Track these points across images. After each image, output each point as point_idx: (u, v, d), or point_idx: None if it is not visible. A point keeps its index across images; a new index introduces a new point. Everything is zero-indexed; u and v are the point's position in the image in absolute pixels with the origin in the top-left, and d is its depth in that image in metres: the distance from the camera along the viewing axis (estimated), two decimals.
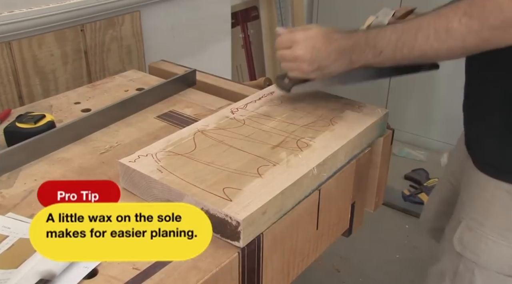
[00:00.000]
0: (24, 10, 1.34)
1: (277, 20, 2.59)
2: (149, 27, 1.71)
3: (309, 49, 0.92)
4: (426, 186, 2.32)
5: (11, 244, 0.70)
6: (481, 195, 0.93)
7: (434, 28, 0.82)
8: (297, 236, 0.84)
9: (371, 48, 0.88)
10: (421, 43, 0.83)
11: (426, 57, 0.89)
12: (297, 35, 0.94)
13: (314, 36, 0.93)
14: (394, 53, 0.87)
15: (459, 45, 0.80)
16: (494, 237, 0.91)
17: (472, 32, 0.77)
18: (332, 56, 0.92)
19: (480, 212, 0.93)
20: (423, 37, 0.83)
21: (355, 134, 0.93)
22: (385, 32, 0.88)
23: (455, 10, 0.80)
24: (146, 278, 0.65)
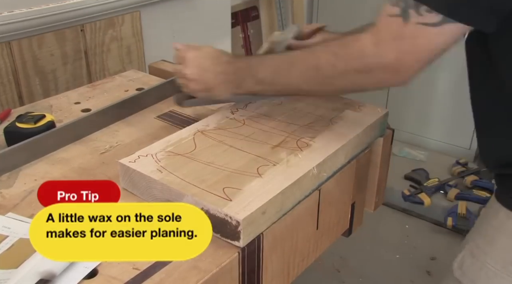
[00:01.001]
0: (24, 10, 1.34)
1: (277, 20, 2.59)
2: (149, 27, 1.71)
3: (196, 68, 0.94)
4: (426, 186, 2.32)
5: (11, 244, 0.70)
6: (490, 222, 0.89)
7: (305, 65, 0.83)
8: (297, 236, 0.84)
9: (252, 77, 0.90)
10: (295, 78, 0.85)
11: (303, 92, 0.92)
12: (188, 53, 0.95)
13: (204, 56, 0.95)
14: (273, 83, 0.89)
15: (328, 84, 0.82)
16: (495, 269, 0.87)
17: (338, 73, 0.79)
18: (218, 79, 0.93)
19: (486, 240, 0.89)
20: (296, 72, 0.85)
21: (355, 134, 0.93)
22: (266, 61, 0.91)
23: (325, 49, 0.83)
24: (146, 278, 0.65)
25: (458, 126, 2.46)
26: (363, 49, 0.75)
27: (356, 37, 0.77)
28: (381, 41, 0.74)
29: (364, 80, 0.78)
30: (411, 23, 0.71)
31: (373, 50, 0.74)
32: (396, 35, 0.73)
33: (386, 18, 0.74)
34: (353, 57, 0.77)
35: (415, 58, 0.73)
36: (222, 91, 0.94)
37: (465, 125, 2.36)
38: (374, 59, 0.75)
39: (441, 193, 2.32)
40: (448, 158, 2.51)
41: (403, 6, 0.72)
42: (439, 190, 2.32)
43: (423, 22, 0.71)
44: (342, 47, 0.79)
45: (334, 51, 0.80)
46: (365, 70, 0.76)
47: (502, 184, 0.88)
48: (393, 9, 0.73)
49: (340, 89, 0.84)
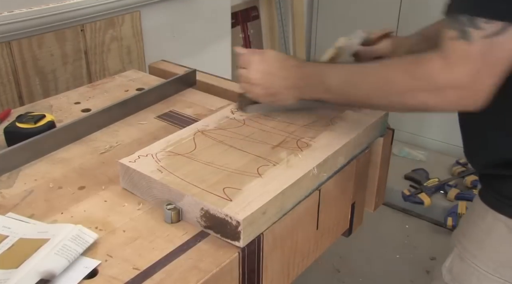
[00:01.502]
0: (24, 10, 1.34)
1: (277, 20, 2.59)
2: (149, 27, 1.71)
3: (262, 73, 0.92)
4: (426, 186, 2.32)
5: (11, 244, 0.70)
6: (478, 225, 0.87)
7: (376, 78, 0.81)
8: (297, 236, 0.84)
9: (320, 84, 0.87)
10: (364, 90, 0.83)
11: (371, 105, 0.89)
12: (253, 57, 0.93)
13: (269, 60, 0.92)
14: (342, 94, 0.86)
15: (398, 101, 0.79)
16: (486, 272, 0.86)
17: (409, 90, 0.77)
18: (284, 83, 0.91)
19: (475, 243, 0.88)
20: (366, 84, 0.82)
21: (355, 134, 0.93)
22: (336, 70, 0.87)
23: (397, 64, 0.80)
24: (146, 278, 0.65)
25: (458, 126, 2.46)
26: (433, 71, 0.73)
27: (427, 56, 0.74)
28: (450, 64, 0.71)
29: (437, 101, 0.75)
30: (475, 41, 0.69)
31: (444, 73, 0.72)
32: (464, 57, 0.70)
33: (450, 43, 0.72)
34: (424, 78, 0.74)
35: (489, 73, 0.71)
36: (288, 96, 0.92)
37: None
38: (445, 82, 0.72)
39: (441, 193, 2.32)
40: (448, 158, 2.51)
41: (459, 27, 0.70)
42: (439, 190, 2.32)
43: (485, 35, 0.68)
44: (414, 65, 0.77)
45: (406, 68, 0.77)
46: (437, 91, 0.74)
47: (487, 184, 0.87)
48: (452, 33, 0.71)
49: (410, 107, 0.80)
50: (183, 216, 0.76)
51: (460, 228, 0.93)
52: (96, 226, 0.75)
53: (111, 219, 0.77)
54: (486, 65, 0.70)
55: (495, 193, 0.85)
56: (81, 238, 0.69)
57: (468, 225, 0.91)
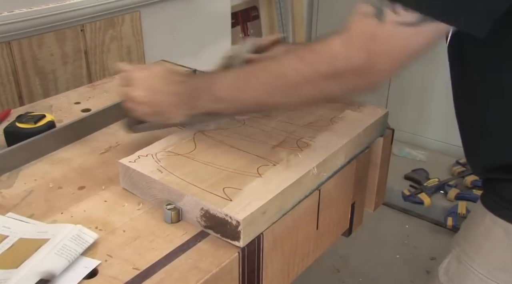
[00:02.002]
0: (24, 10, 1.34)
1: (277, 20, 2.59)
2: (149, 27, 1.71)
3: (145, 90, 0.85)
4: (426, 186, 2.32)
5: (11, 244, 0.70)
6: (477, 227, 0.86)
7: (268, 74, 0.76)
8: (297, 236, 0.84)
9: (209, 95, 0.81)
10: (257, 90, 0.77)
11: (267, 106, 0.82)
12: (136, 74, 0.87)
13: (154, 76, 0.86)
14: (234, 100, 0.80)
15: (294, 94, 0.74)
16: (483, 275, 0.84)
17: (305, 79, 0.72)
18: (170, 100, 0.84)
19: (472, 245, 0.87)
20: (258, 83, 0.76)
21: (355, 134, 0.93)
22: (224, 77, 0.82)
23: (290, 55, 0.75)
24: (146, 278, 0.65)
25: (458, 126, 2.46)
26: (332, 52, 0.69)
27: (325, 41, 0.71)
28: (351, 42, 0.68)
29: (333, 86, 0.71)
30: (386, 23, 0.65)
31: (342, 52, 0.68)
32: (368, 36, 0.67)
33: (360, 18, 0.68)
34: (320, 61, 0.71)
35: (388, 60, 0.67)
36: (175, 114, 0.85)
37: None
38: (344, 62, 0.69)
39: (441, 193, 2.31)
40: (448, 158, 2.51)
41: (378, 5, 0.66)
42: (439, 190, 2.32)
43: (399, 21, 0.65)
44: (310, 51, 0.73)
45: (300, 57, 0.73)
46: (334, 75, 0.70)
47: (489, 188, 0.86)
48: (367, 9, 0.67)
49: (306, 100, 0.76)
50: (183, 216, 0.76)
51: (461, 231, 0.93)
52: (96, 226, 0.75)
53: (111, 219, 0.77)
54: (387, 50, 0.67)
55: (495, 197, 0.84)
56: (81, 238, 0.69)
57: (467, 227, 0.90)
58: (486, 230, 0.85)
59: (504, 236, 0.82)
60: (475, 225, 0.87)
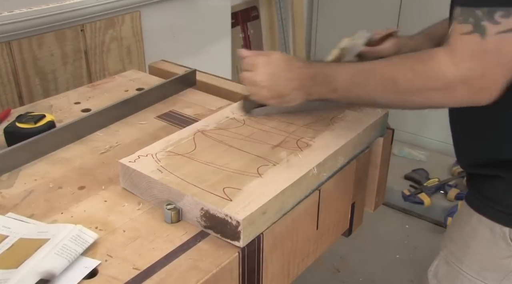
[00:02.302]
0: (24, 10, 1.34)
1: (277, 20, 2.59)
2: (149, 27, 1.71)
3: (268, 75, 0.90)
4: (426, 186, 2.32)
5: (11, 244, 0.70)
6: (463, 228, 0.87)
7: (382, 76, 0.79)
8: (297, 236, 0.84)
9: (327, 84, 0.86)
10: (371, 89, 0.81)
11: (380, 104, 0.87)
12: (258, 59, 0.91)
13: (275, 62, 0.91)
14: (348, 94, 0.85)
15: (406, 100, 0.78)
16: (472, 276, 0.85)
17: (416, 89, 0.75)
18: (291, 85, 0.89)
19: (460, 247, 0.88)
20: (373, 83, 0.81)
21: (355, 134, 0.93)
22: (342, 70, 0.86)
23: (403, 63, 0.78)
24: (146, 278, 0.65)
25: None
26: (441, 69, 0.71)
27: (434, 54, 0.73)
28: (459, 61, 0.69)
29: (446, 98, 0.73)
30: (490, 36, 0.66)
31: (452, 70, 0.70)
32: (476, 53, 0.68)
33: (461, 37, 0.69)
34: (431, 76, 0.73)
35: (502, 69, 0.68)
36: (295, 97, 0.90)
37: None
38: (455, 79, 0.70)
39: (441, 193, 2.32)
40: (448, 158, 2.51)
41: (474, 21, 0.67)
42: (439, 190, 2.32)
43: (503, 30, 0.65)
44: (419, 63, 0.75)
45: (411, 67, 0.75)
46: (446, 89, 0.72)
47: (474, 186, 0.87)
48: (465, 27, 0.68)
49: (418, 106, 0.78)
50: (183, 216, 0.76)
51: (447, 232, 0.93)
52: (96, 226, 0.75)
53: (111, 219, 0.77)
54: (499, 61, 0.68)
55: (479, 195, 0.84)
56: (81, 238, 0.69)
57: (454, 228, 0.91)
58: (473, 230, 0.85)
59: (490, 235, 0.82)
60: (461, 225, 0.88)
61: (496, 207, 0.82)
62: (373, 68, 0.82)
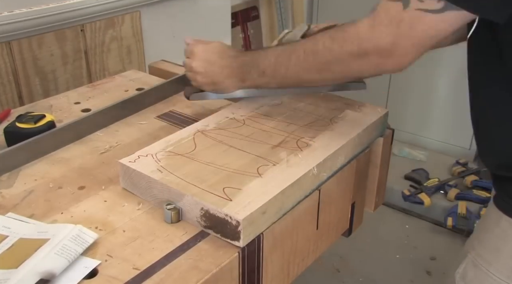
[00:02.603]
0: (24, 10, 1.34)
1: (277, 20, 2.59)
2: (149, 27, 1.71)
3: (203, 62, 0.96)
4: (426, 186, 2.32)
5: (11, 244, 0.70)
6: (493, 231, 0.85)
7: (303, 51, 0.83)
8: (297, 236, 0.84)
9: (255, 68, 0.91)
10: (293, 66, 0.85)
11: (304, 81, 0.90)
12: (197, 47, 0.98)
13: (211, 50, 0.97)
14: (274, 74, 0.89)
15: (326, 70, 0.81)
16: (501, 279, 0.84)
17: (335, 57, 0.78)
18: (223, 72, 0.95)
19: (489, 249, 0.86)
20: (295, 60, 0.84)
21: (355, 134, 0.93)
22: (268, 52, 0.91)
23: (323, 34, 0.82)
24: (146, 278, 0.65)
25: (458, 126, 2.46)
26: (359, 32, 0.75)
27: (355, 22, 0.77)
28: (377, 24, 0.73)
29: (360, 65, 0.77)
30: (411, 9, 0.70)
31: (368, 33, 0.74)
32: (393, 20, 0.72)
33: (386, 3, 0.73)
34: (348, 40, 0.77)
35: (412, 43, 0.72)
36: (228, 85, 0.96)
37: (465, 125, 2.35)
38: (369, 42, 0.74)
39: (441, 193, 2.32)
40: (448, 158, 2.51)
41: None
42: (439, 190, 2.32)
43: (423, 8, 0.70)
44: (339, 31, 0.79)
45: (331, 35, 0.80)
46: (360, 54, 0.76)
47: (501, 188, 0.86)
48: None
49: (338, 76, 0.83)
50: (183, 216, 0.76)
51: (474, 235, 0.92)
52: (96, 226, 0.75)
53: (111, 219, 0.77)
54: (411, 34, 0.71)
55: (507, 197, 0.83)
56: (81, 238, 0.69)
57: (482, 231, 0.89)
58: (503, 233, 0.84)
59: None
60: (490, 228, 0.86)
61: None
62: (296, 46, 0.87)
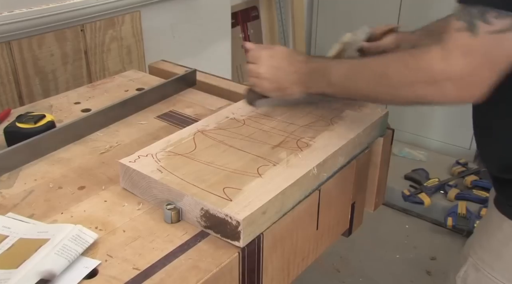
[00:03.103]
0: (24, 10, 1.34)
1: (277, 20, 2.59)
2: (149, 27, 1.71)
3: (270, 67, 0.94)
4: (426, 186, 2.32)
5: (11, 244, 0.70)
6: (495, 235, 0.85)
7: (375, 71, 0.81)
8: (297, 236, 0.84)
9: (324, 78, 0.89)
10: (364, 83, 0.83)
11: (371, 99, 0.89)
12: (262, 52, 0.96)
13: (278, 55, 0.95)
14: (344, 88, 0.88)
15: (396, 94, 0.79)
16: (502, 282, 0.84)
17: (406, 82, 0.76)
18: (291, 78, 0.93)
19: (491, 253, 0.86)
20: (366, 78, 0.83)
21: (355, 134, 0.93)
22: (338, 65, 0.89)
23: (395, 57, 0.80)
24: (146, 278, 0.65)
25: (458, 126, 2.46)
26: (431, 63, 0.72)
27: (427, 48, 0.74)
28: (450, 56, 0.70)
29: (434, 93, 0.74)
30: (481, 35, 0.67)
31: (441, 65, 0.71)
32: (466, 50, 0.69)
33: (454, 33, 0.70)
34: (421, 69, 0.74)
35: (490, 69, 0.69)
36: (295, 91, 0.94)
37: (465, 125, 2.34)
38: (443, 73, 0.71)
39: (441, 193, 2.32)
40: (448, 158, 2.51)
41: (468, 19, 0.68)
42: (439, 190, 2.32)
43: (493, 30, 0.66)
44: (412, 57, 0.76)
45: (403, 60, 0.77)
46: (434, 83, 0.73)
47: (501, 191, 0.85)
48: (460, 24, 0.69)
49: (408, 100, 0.80)
50: (183, 216, 0.76)
51: (475, 238, 0.91)
52: (96, 226, 0.75)
53: (111, 219, 0.77)
54: (487, 61, 0.68)
55: (509, 201, 0.83)
56: (81, 238, 0.69)
57: (484, 235, 0.89)
58: (505, 237, 0.83)
59: None
60: (492, 232, 0.86)
61: None
62: (366, 63, 0.85)
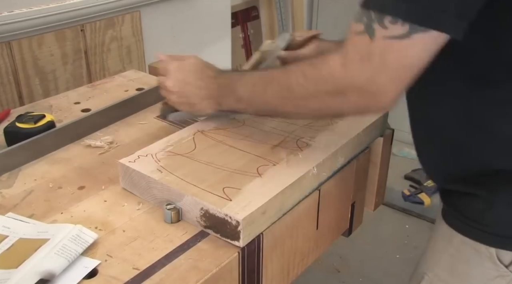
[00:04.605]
0: (24, 10, 1.34)
1: (277, 20, 2.59)
2: (149, 27, 1.71)
3: (177, 81, 0.90)
4: (426, 186, 2.32)
5: (11, 244, 0.70)
6: (446, 250, 0.82)
7: (279, 84, 0.78)
8: (297, 236, 0.84)
9: (233, 94, 0.85)
10: (270, 98, 0.80)
11: (280, 113, 0.85)
12: (171, 64, 0.92)
13: (185, 68, 0.91)
14: (251, 103, 0.84)
15: (302, 106, 0.76)
16: None
17: (310, 94, 0.73)
18: (200, 94, 0.89)
19: (445, 269, 0.83)
20: (271, 92, 0.79)
21: (355, 134, 0.93)
22: (245, 79, 0.85)
23: (296, 69, 0.76)
24: (146, 278, 0.65)
25: None
26: (331, 71, 0.69)
27: (326, 57, 0.71)
28: (349, 62, 0.67)
29: (339, 103, 0.71)
30: (377, 39, 0.64)
31: (342, 72, 0.68)
32: (363, 55, 0.65)
33: (353, 37, 0.67)
34: (322, 79, 0.71)
35: (388, 77, 0.65)
36: (205, 107, 0.90)
37: None
38: (344, 81, 0.68)
39: None
40: None
41: (366, 21, 0.65)
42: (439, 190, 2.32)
43: (388, 35, 0.63)
44: (311, 68, 0.73)
45: (303, 72, 0.74)
46: (337, 93, 0.69)
47: (449, 203, 0.82)
48: (358, 26, 0.66)
49: (315, 113, 0.78)
50: (183, 216, 0.76)
51: (428, 254, 0.89)
52: (96, 226, 0.75)
53: (111, 219, 0.77)
54: (385, 68, 0.65)
55: (459, 214, 0.79)
56: (81, 238, 0.69)
57: (436, 250, 0.86)
58: (457, 251, 0.81)
59: (477, 256, 0.78)
60: (443, 246, 0.83)
61: (478, 227, 0.76)
62: (271, 77, 0.81)
